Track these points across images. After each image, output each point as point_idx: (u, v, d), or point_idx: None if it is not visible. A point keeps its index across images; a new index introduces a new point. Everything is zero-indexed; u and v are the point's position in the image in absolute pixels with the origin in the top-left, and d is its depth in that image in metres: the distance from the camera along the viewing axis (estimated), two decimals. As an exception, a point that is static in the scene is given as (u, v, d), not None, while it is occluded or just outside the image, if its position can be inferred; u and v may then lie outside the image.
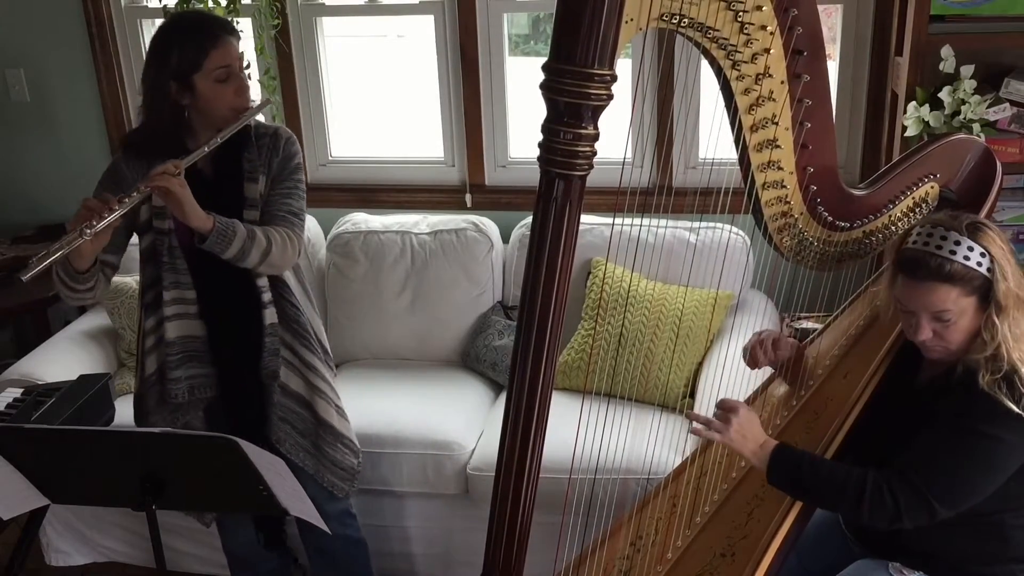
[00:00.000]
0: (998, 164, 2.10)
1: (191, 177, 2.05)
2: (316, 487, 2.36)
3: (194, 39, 2.10)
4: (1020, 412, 1.70)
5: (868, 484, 1.76)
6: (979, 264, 1.72)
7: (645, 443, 2.34)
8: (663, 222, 2.84)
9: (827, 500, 1.86)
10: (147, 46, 2.23)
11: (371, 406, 2.85)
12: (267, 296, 2.23)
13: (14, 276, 1.87)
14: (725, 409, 1.86)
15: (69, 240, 1.89)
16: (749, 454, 1.84)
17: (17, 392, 2.44)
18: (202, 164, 2.13)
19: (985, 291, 1.74)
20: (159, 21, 3.25)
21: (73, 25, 3.47)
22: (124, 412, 2.61)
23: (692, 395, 2.81)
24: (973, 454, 1.75)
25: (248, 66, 2.24)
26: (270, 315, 2.24)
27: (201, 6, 3.14)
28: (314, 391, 2.33)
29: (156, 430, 2.00)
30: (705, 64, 1.66)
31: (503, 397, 2.99)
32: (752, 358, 2.12)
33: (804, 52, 1.66)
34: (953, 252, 1.72)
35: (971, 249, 1.72)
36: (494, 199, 3.41)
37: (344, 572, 2.59)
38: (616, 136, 1.93)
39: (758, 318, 2.90)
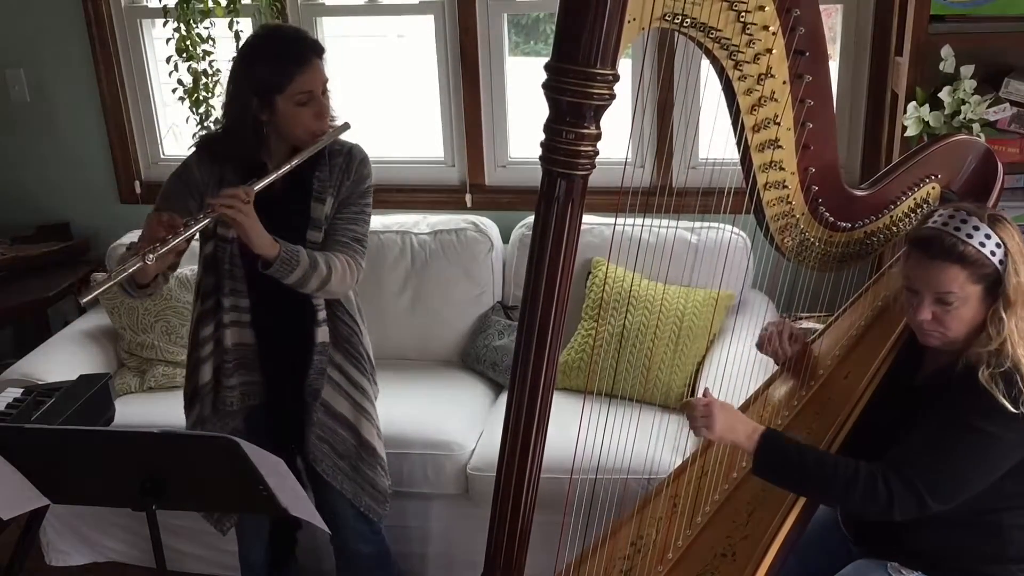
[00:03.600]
0: (999, 164, 2.10)
1: (264, 193, 2.03)
2: (348, 505, 2.36)
3: (283, 59, 2.07)
4: (1015, 410, 1.70)
5: (860, 473, 1.75)
6: (993, 254, 1.72)
7: (646, 443, 2.34)
8: (664, 222, 2.84)
9: (816, 487, 1.83)
10: (235, 58, 2.18)
11: (371, 406, 2.85)
12: (322, 315, 2.22)
13: (75, 296, 1.86)
14: (694, 408, 1.83)
15: (132, 264, 1.86)
16: (744, 440, 1.81)
17: (17, 392, 2.43)
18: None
19: (993, 283, 1.73)
20: (159, 21, 3.28)
21: (73, 25, 3.47)
22: (124, 412, 2.61)
23: (692, 395, 2.80)
24: (966, 449, 1.74)
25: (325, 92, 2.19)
26: (322, 334, 2.23)
27: (201, 6, 3.14)
28: (360, 412, 2.33)
29: (156, 430, 1.99)
30: (706, 64, 1.66)
31: (503, 397, 2.99)
32: (771, 349, 2.12)
33: (806, 52, 1.66)
34: (970, 236, 1.72)
35: (988, 237, 1.72)
36: (494, 199, 3.41)
37: None
38: (617, 136, 1.93)
39: (759, 318, 2.90)
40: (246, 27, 3.19)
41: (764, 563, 1.79)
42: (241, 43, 2.19)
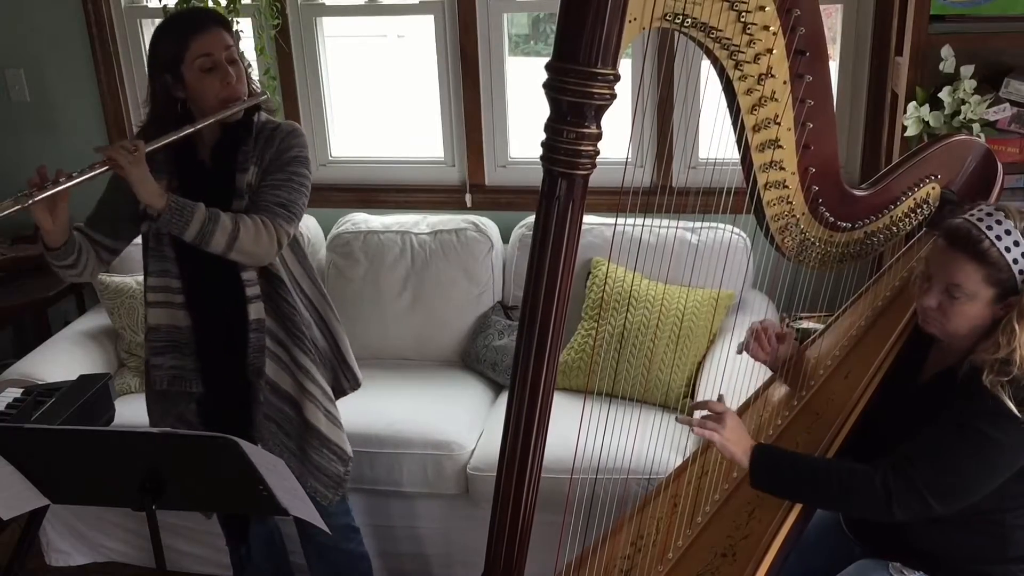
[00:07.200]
0: (999, 165, 2.10)
1: (192, 167, 2.05)
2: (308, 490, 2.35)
3: (178, 29, 2.12)
4: (1021, 415, 1.70)
5: (855, 476, 1.75)
6: (1016, 262, 1.70)
7: (646, 443, 2.34)
8: (664, 222, 2.84)
9: (814, 495, 1.83)
10: (147, 46, 2.24)
11: (371, 406, 2.84)
12: (253, 291, 2.18)
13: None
14: (715, 411, 1.86)
15: (8, 206, 1.92)
16: (741, 455, 1.83)
17: (17, 392, 2.44)
18: (203, 155, 2.14)
19: (1006, 290, 1.72)
20: (159, 21, 3.27)
21: (73, 25, 3.47)
22: (124, 412, 2.61)
23: (692, 395, 2.81)
24: (971, 452, 1.74)
25: (248, 65, 2.23)
26: (255, 310, 2.19)
27: (201, 5, 3.14)
28: (303, 393, 2.28)
29: (156, 430, 2.00)
30: (706, 63, 1.66)
31: (503, 397, 3.00)
32: (754, 349, 2.12)
33: (806, 52, 1.66)
34: (999, 237, 1.70)
35: (1017, 244, 1.70)
36: (494, 199, 3.41)
37: None
38: (617, 136, 1.93)
39: (759, 318, 2.88)
40: (246, 27, 3.19)
41: (764, 563, 1.79)
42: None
